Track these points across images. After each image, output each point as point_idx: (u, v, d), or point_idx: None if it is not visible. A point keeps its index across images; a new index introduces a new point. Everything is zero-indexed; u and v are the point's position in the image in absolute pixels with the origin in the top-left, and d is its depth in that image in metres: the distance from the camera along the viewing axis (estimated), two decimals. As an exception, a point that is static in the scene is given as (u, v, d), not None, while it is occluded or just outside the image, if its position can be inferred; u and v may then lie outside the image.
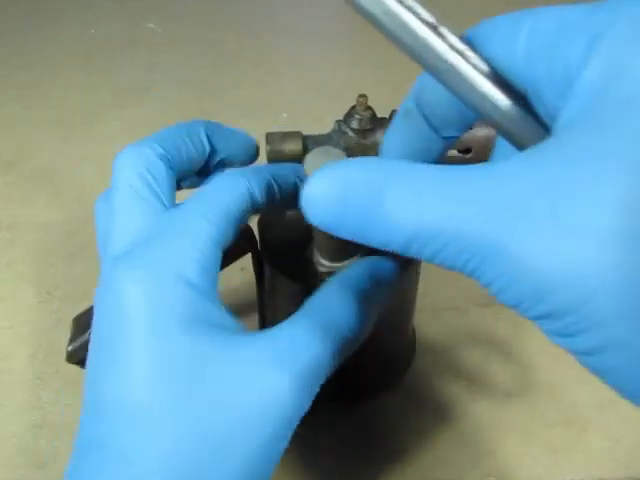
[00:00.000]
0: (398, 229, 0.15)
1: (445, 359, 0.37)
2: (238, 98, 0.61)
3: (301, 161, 0.26)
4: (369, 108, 0.31)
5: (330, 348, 0.22)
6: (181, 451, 0.20)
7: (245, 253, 0.31)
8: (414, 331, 0.37)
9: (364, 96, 0.31)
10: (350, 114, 0.32)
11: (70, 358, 0.28)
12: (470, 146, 0.32)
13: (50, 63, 0.68)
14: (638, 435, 0.33)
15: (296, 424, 0.21)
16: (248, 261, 0.32)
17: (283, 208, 0.27)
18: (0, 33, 0.74)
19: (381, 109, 0.32)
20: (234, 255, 0.31)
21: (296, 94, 0.61)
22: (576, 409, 0.34)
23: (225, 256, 0.31)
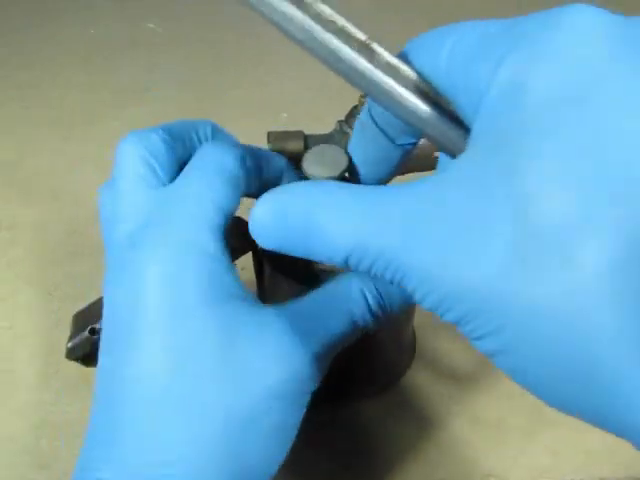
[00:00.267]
0: (334, 247, 0.17)
1: (445, 359, 0.37)
2: (238, 98, 0.61)
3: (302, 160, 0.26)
4: (369, 108, 0.31)
5: (342, 328, 0.23)
6: (209, 434, 0.20)
7: (245, 253, 0.31)
8: (414, 332, 0.37)
9: (365, 96, 0.31)
10: (352, 114, 0.32)
11: (70, 354, 0.28)
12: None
13: (50, 63, 0.68)
14: (638, 435, 0.33)
15: (309, 398, 0.22)
16: (248, 261, 0.32)
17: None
18: (0, 33, 0.74)
19: (381, 109, 0.32)
20: (234, 255, 0.31)
21: (296, 94, 0.61)
22: (576, 409, 0.34)
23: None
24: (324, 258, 0.18)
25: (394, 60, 0.18)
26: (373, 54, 0.18)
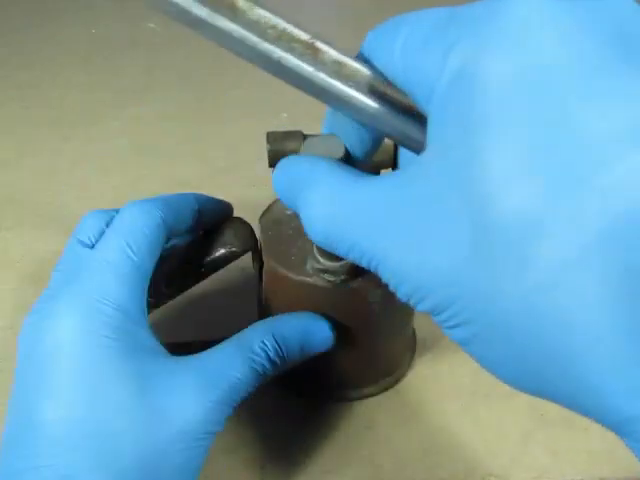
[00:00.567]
0: (312, 226, 0.18)
1: (445, 359, 0.37)
2: (238, 98, 0.61)
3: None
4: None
5: (242, 377, 0.24)
6: (119, 468, 0.21)
7: (245, 252, 0.31)
8: (414, 332, 0.37)
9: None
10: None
11: None
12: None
13: (50, 63, 0.68)
14: (638, 435, 0.33)
15: (212, 440, 0.24)
16: (248, 261, 0.32)
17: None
18: (0, 33, 0.74)
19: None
20: (234, 255, 0.31)
21: (296, 94, 0.61)
22: (576, 409, 0.34)
23: (226, 256, 0.31)
24: (306, 233, 0.19)
25: (341, 57, 0.18)
26: (317, 54, 0.18)
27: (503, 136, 0.13)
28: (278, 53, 0.18)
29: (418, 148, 0.18)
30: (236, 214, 0.33)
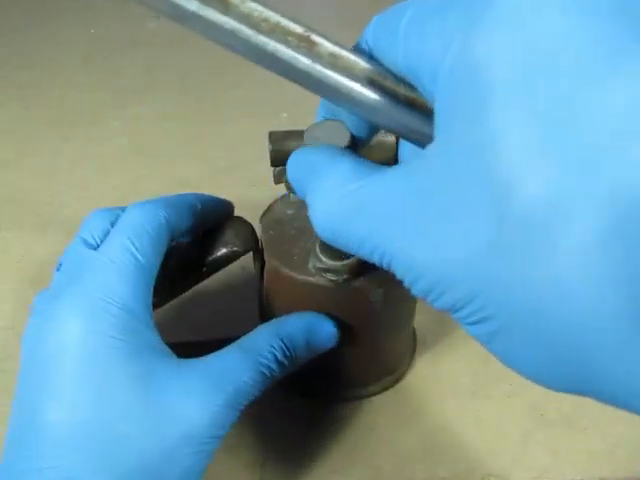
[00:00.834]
0: (318, 220, 0.18)
1: (445, 359, 0.37)
2: (238, 98, 0.61)
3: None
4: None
5: (250, 379, 0.24)
6: (123, 470, 0.21)
7: (246, 252, 0.31)
8: (414, 332, 0.37)
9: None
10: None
11: None
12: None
13: (50, 63, 0.68)
14: (638, 435, 0.33)
15: (217, 444, 0.23)
16: (248, 260, 0.32)
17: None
18: (0, 33, 0.74)
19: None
20: (235, 254, 0.31)
21: (296, 94, 0.61)
22: (576, 409, 0.34)
23: (227, 255, 0.31)
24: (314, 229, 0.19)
25: (337, 49, 0.17)
26: (313, 46, 0.17)
27: (514, 117, 0.13)
28: (272, 45, 0.17)
29: (419, 139, 0.18)
30: (236, 214, 0.33)
